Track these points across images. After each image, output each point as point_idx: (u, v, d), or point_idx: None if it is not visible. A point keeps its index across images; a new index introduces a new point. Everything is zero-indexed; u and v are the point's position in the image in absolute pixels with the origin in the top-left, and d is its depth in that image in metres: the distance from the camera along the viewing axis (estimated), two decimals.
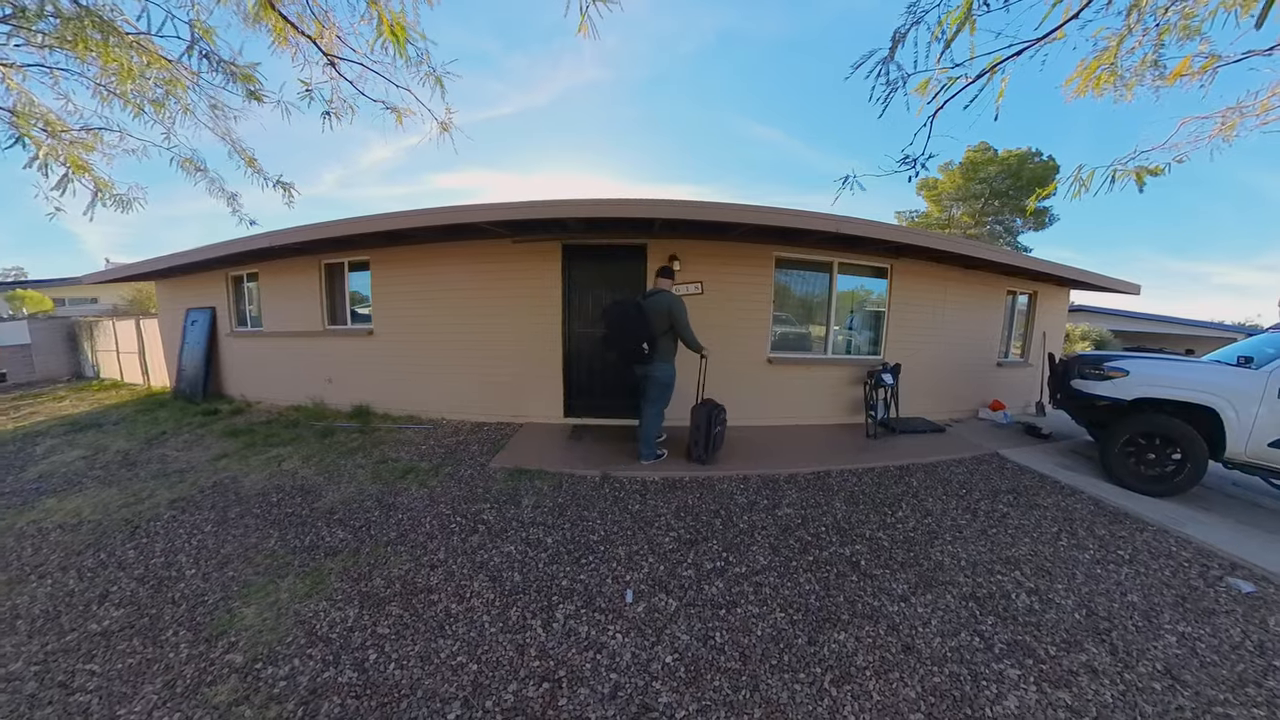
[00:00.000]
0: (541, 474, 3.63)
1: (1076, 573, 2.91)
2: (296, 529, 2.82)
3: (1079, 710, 1.88)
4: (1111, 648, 2.28)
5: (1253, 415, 3.71)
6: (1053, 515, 3.68)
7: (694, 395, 4.28)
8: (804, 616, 2.23)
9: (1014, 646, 2.20)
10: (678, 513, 3.16)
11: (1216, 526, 3.63)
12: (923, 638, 2.18)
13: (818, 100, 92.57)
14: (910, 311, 5.91)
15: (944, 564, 2.83)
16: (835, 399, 5.58)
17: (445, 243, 5.07)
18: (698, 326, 4.07)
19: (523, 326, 5.02)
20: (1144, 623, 2.51)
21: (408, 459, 3.94)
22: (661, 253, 4.91)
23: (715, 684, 1.79)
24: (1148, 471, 4.09)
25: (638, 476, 3.68)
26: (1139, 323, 15.87)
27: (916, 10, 1.92)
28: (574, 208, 4.17)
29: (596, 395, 5.05)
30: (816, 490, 3.72)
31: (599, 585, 2.34)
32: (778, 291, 5.35)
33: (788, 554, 2.76)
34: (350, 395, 5.56)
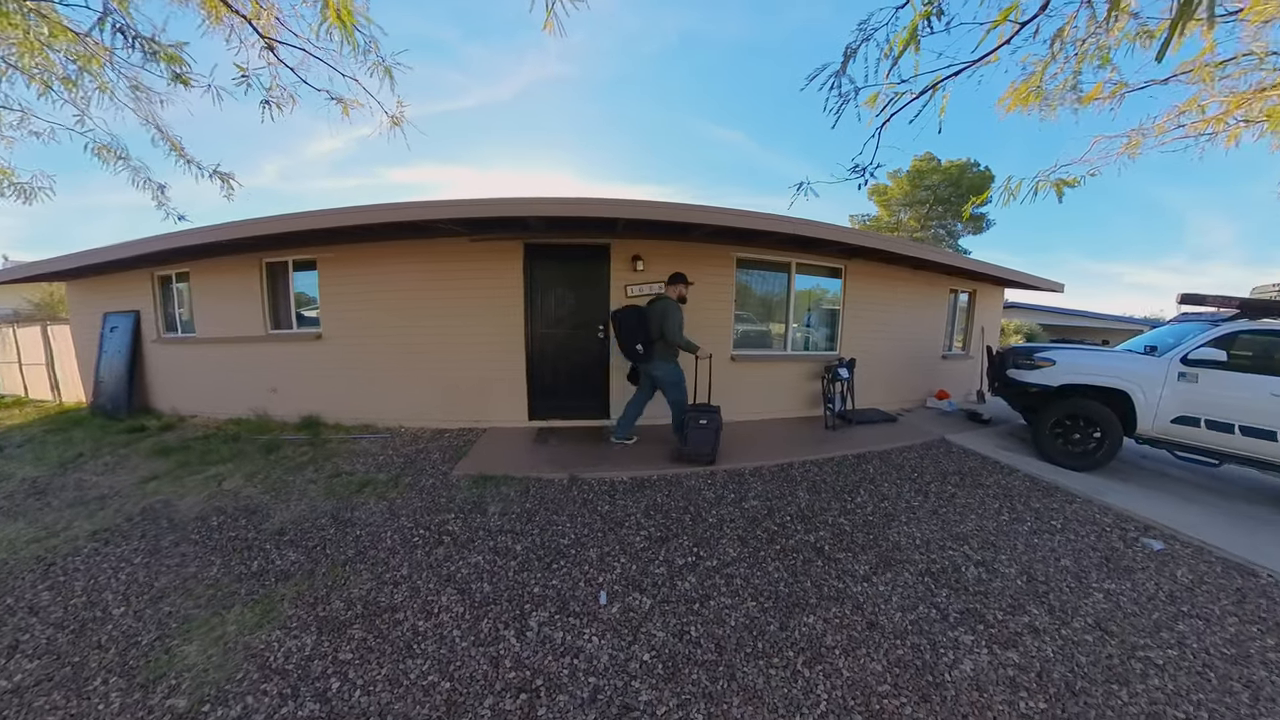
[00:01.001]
0: (507, 479, 3.54)
1: (1017, 543, 3.16)
2: (242, 554, 2.61)
3: (1025, 667, 2.05)
4: (1050, 608, 2.50)
5: (1158, 397, 4.20)
6: (994, 493, 3.97)
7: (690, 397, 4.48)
8: (774, 603, 2.29)
9: (966, 614, 2.36)
10: (647, 511, 3.17)
11: (1132, 494, 4.07)
12: (885, 614, 2.30)
13: (777, 104, 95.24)
14: (864, 309, 6.28)
15: (901, 544, 2.99)
16: (795, 393, 5.80)
17: (400, 240, 4.82)
18: None
19: (483, 328, 4.87)
20: (1075, 583, 2.75)
21: (364, 471, 3.74)
22: (625, 253, 4.91)
23: (693, 677, 1.81)
24: (1073, 449, 4.53)
25: (606, 477, 3.67)
26: (1063, 317, 17.49)
27: (867, 28, 2.05)
28: (536, 206, 4.09)
29: (561, 397, 4.99)
30: (781, 482, 3.83)
31: (572, 589, 2.31)
32: (739, 291, 5.48)
33: (756, 544, 2.83)
34: (297, 405, 5.18)
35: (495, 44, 47.55)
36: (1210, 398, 4.02)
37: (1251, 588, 2.92)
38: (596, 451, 4.19)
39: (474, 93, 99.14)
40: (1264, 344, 3.99)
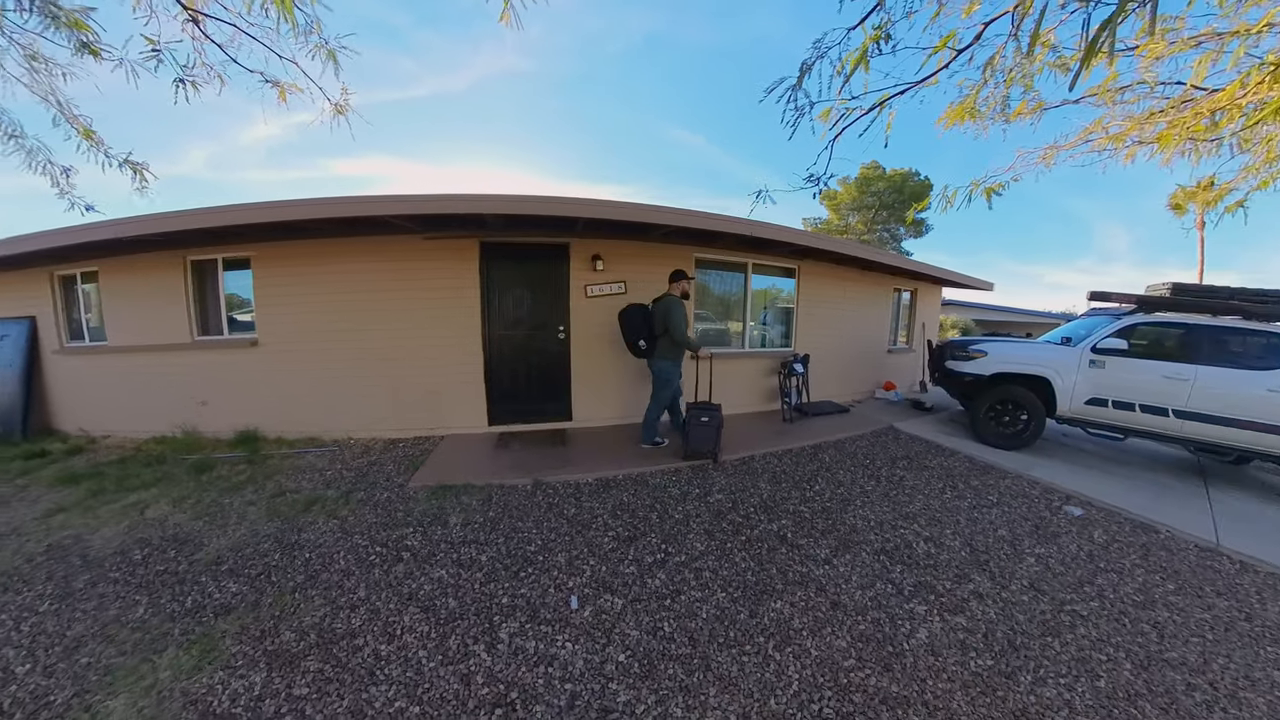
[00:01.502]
0: (468, 488, 3.42)
1: (959, 518, 3.40)
2: (173, 590, 2.37)
3: (972, 629, 2.22)
4: (990, 574, 2.71)
5: (1073, 382, 4.74)
6: (938, 474, 4.27)
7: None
8: (743, 592, 2.35)
9: (919, 587, 2.52)
10: (614, 512, 3.16)
11: (1055, 469, 4.52)
12: (846, 593, 2.41)
13: (738, 109, 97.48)
14: (816, 307, 6.59)
15: (857, 526, 3.15)
16: (753, 389, 5.97)
17: (346, 237, 4.49)
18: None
19: (439, 330, 4.65)
20: (1011, 550, 3.00)
21: (310, 488, 3.49)
22: (585, 252, 4.86)
23: (670, 672, 1.82)
24: (1005, 431, 5.00)
25: (571, 480, 3.63)
26: (993, 313, 19.16)
27: (821, 46, 2.18)
28: (494, 203, 3.94)
29: (521, 400, 4.87)
30: (743, 474, 3.93)
31: (542, 597, 2.27)
32: (698, 290, 5.56)
33: (722, 537, 2.89)
34: (232, 419, 4.70)
35: (449, 32, 45.59)
36: (1115, 381, 4.57)
37: (1153, 542, 3.30)
38: (560, 454, 4.13)
39: (426, 82, 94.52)
40: (1156, 334, 4.62)
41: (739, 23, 61.08)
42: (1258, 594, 2.82)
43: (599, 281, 4.91)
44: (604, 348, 4.95)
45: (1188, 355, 4.35)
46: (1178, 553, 3.21)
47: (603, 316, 4.89)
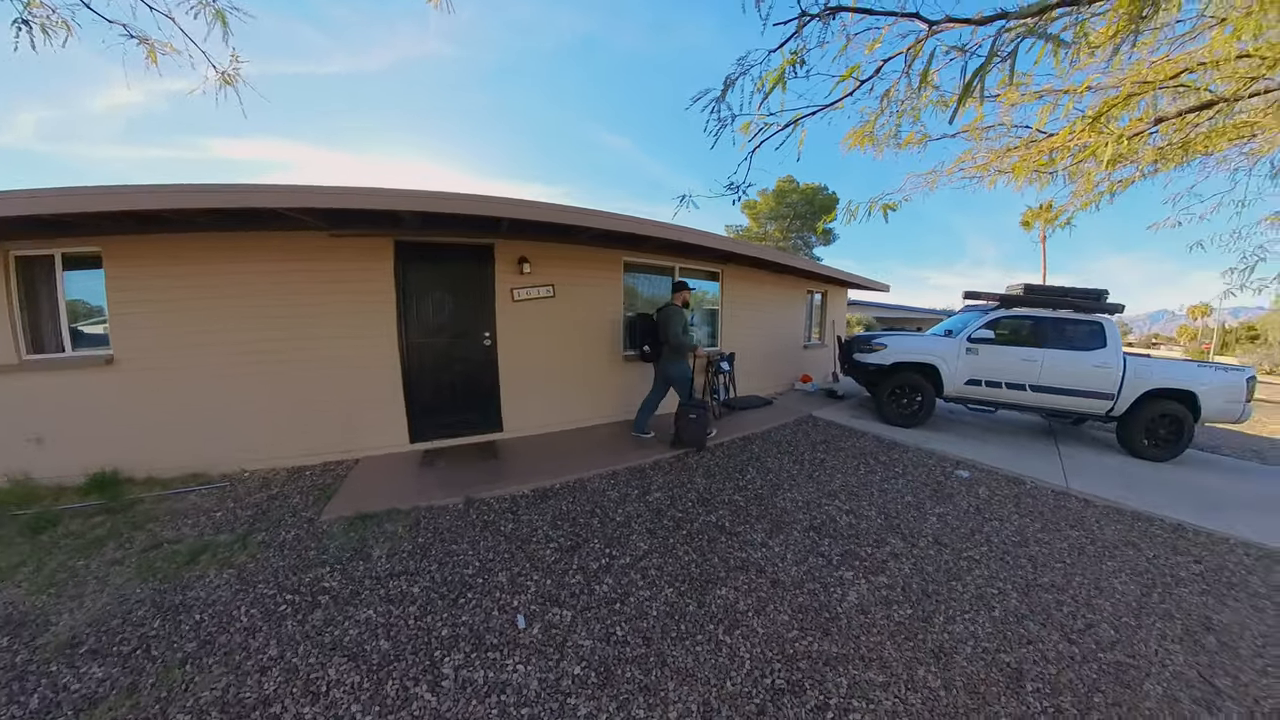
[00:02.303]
0: (392, 514, 3.14)
1: (873, 490, 3.77)
2: (9, 689, 1.90)
3: (892, 585, 2.49)
4: (902, 535, 3.04)
5: (955, 367, 5.62)
6: (852, 453, 4.70)
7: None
8: (689, 585, 2.40)
9: (846, 555, 2.76)
10: (554, 522, 3.08)
11: (946, 440, 5.24)
12: (783, 570, 2.57)
13: (665, 117, 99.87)
14: (739, 308, 6.98)
15: (787, 508, 3.36)
16: None
17: (233, 232, 3.79)
18: (554, 330, 4.41)
19: (349, 339, 4.14)
20: (917, 513, 3.38)
21: (195, 535, 2.97)
22: (510, 254, 4.65)
23: (628, 675, 1.81)
24: (904, 411, 5.74)
25: (506, 494, 3.47)
26: (891, 311, 22.05)
27: (744, 63, 2.35)
28: (412, 200, 3.58)
29: (446, 413, 4.53)
30: (679, 471, 4.03)
31: (485, 621, 2.14)
32: (627, 293, 5.59)
33: (664, 534, 2.93)
34: (82, 458, 3.70)
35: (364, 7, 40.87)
36: (986, 364, 5.52)
37: (1022, 492, 3.92)
38: (492, 468, 3.93)
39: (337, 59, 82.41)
40: (1014, 325, 5.58)
41: (671, 34, 63.00)
42: (1097, 522, 3.45)
43: (526, 285, 4.72)
44: (534, 353, 4.80)
45: (1038, 341, 5.40)
46: (1040, 498, 3.83)
47: (531, 321, 4.74)
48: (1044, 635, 2.19)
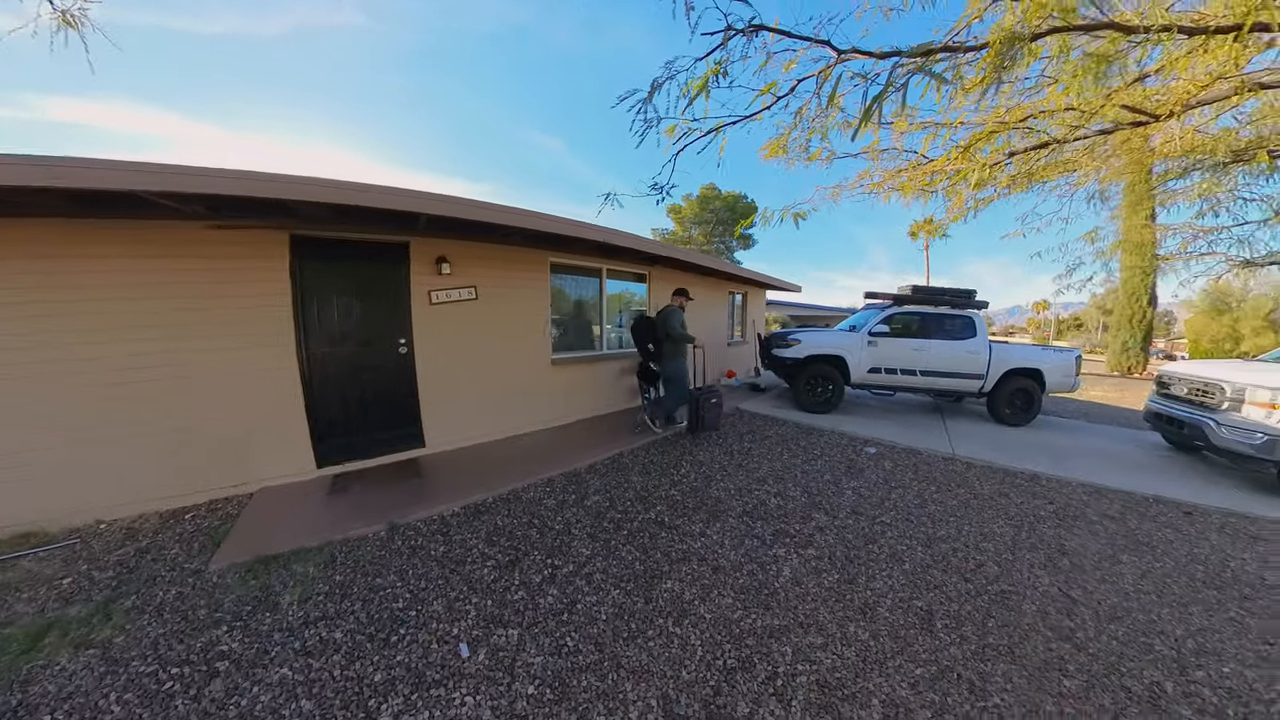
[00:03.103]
0: (301, 553, 2.78)
1: (796, 472, 4.05)
2: None
3: (820, 556, 2.72)
4: (825, 510, 3.31)
5: (859, 357, 6.37)
6: (776, 440, 5.02)
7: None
8: (636, 584, 2.41)
9: (778, 535, 2.95)
10: (490, 538, 2.93)
11: (855, 422, 5.86)
12: (723, 556, 2.68)
13: (596, 118, 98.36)
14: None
15: (721, 497, 3.51)
16: (614, 389, 6.17)
17: (78, 219, 2.99)
18: (478, 335, 4.26)
19: (233, 351, 3.50)
20: (835, 489, 3.70)
21: (33, 612, 2.38)
22: (428, 252, 4.29)
23: (584, 684, 1.77)
24: (818, 399, 6.36)
25: (434, 514, 3.24)
26: (803, 310, 24.07)
27: (672, 69, 2.43)
28: (314, 189, 3.10)
29: (358, 432, 4.06)
30: (615, 472, 4.03)
31: (424, 657, 1.98)
32: (554, 295, 5.46)
33: (606, 536, 2.92)
34: None
35: None
36: (884, 354, 6.35)
37: (919, 461, 4.45)
38: (415, 488, 3.64)
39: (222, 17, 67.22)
40: (905, 320, 6.44)
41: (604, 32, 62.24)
42: (977, 480, 4.02)
43: (446, 286, 4.38)
44: (457, 360, 4.49)
45: (924, 333, 6.35)
46: (933, 465, 4.37)
47: (453, 325, 4.43)
48: (946, 579, 2.53)
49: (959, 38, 2.36)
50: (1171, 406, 4.92)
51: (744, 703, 1.72)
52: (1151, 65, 2.59)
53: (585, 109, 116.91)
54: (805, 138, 3.05)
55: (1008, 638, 2.13)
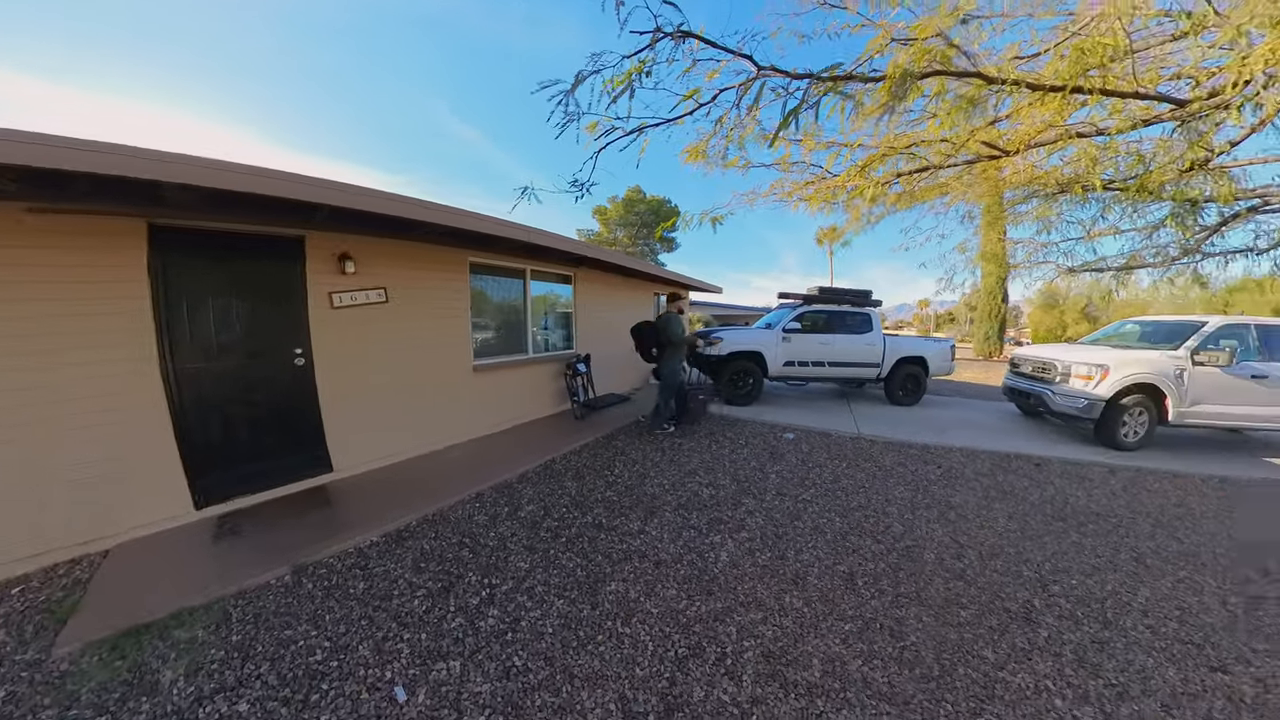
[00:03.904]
0: (184, 615, 2.35)
1: (725, 462, 4.25)
2: None
3: (752, 537, 2.88)
4: (753, 494, 3.51)
5: (776, 352, 6.95)
6: (705, 433, 5.23)
7: None
8: (580, 591, 2.38)
9: (712, 523, 3.07)
10: (417, 566, 2.72)
11: (774, 412, 6.31)
12: (663, 550, 2.74)
13: (520, 112, 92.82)
14: (593, 310, 7.14)
15: (656, 494, 3.57)
16: (543, 394, 6.00)
17: None
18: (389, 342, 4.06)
19: (71, 370, 2.79)
20: (760, 474, 3.93)
21: None
22: (329, 249, 3.80)
23: (538, 703, 1.70)
24: (740, 392, 6.85)
25: (350, 547, 2.93)
26: (723, 310, 25.38)
27: (598, 61, 2.41)
28: (183, 170, 2.51)
29: (247, 460, 3.46)
30: (548, 480, 3.94)
31: (354, 710, 1.77)
32: (476, 297, 5.14)
33: (544, 547, 2.85)
34: None
35: None
36: (797, 349, 6.99)
37: (831, 442, 4.87)
38: (324, 520, 3.23)
39: None
40: (814, 317, 7.13)
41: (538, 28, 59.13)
42: (880, 454, 4.50)
43: (350, 287, 3.91)
44: (366, 371, 4.03)
45: (830, 329, 7.13)
46: (843, 444, 4.82)
47: (361, 331, 3.97)
48: (861, 543, 2.84)
49: (862, 69, 2.68)
50: (1021, 382, 6.10)
51: (698, 687, 1.78)
52: (1005, 111, 3.18)
53: (509, 102, 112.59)
54: (724, 145, 3.23)
55: (915, 585, 2.45)
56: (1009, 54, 3.01)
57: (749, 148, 3.40)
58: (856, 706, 1.74)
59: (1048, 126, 3.13)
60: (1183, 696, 1.85)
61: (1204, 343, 4.95)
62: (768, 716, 1.68)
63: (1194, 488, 4.15)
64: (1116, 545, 3.03)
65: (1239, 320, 5.23)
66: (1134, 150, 3.24)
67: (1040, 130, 3.17)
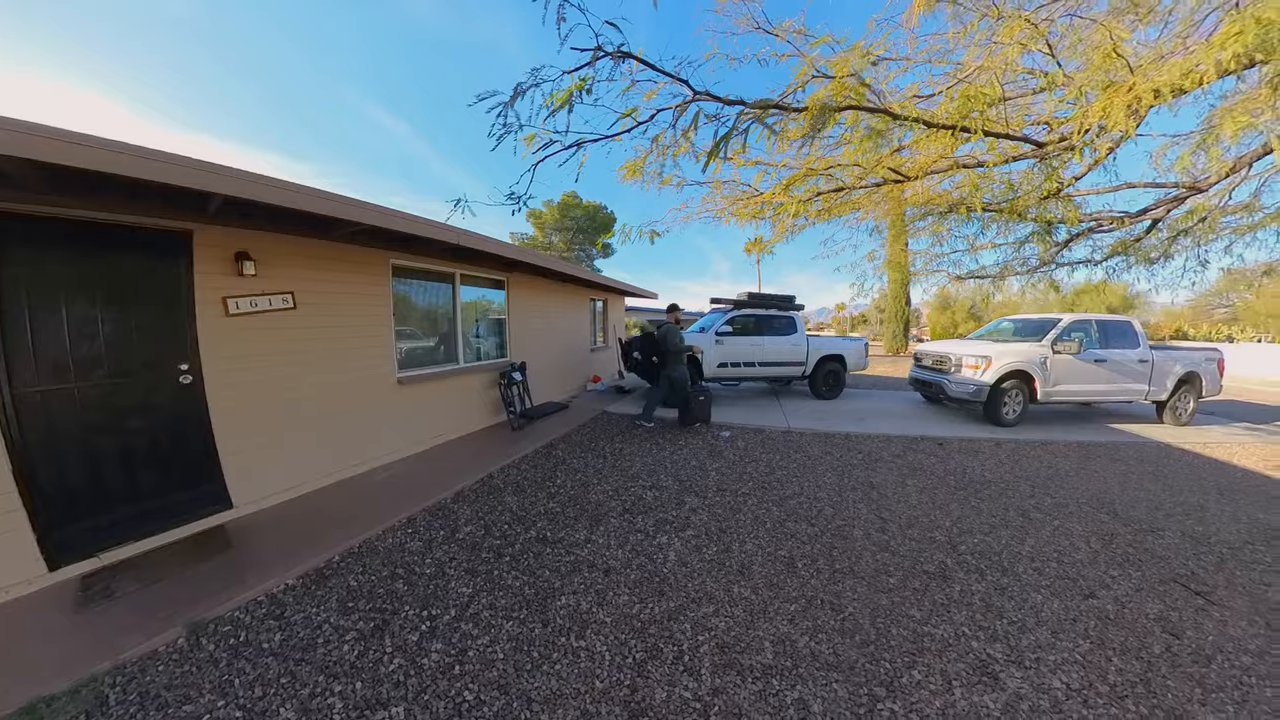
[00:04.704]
0: (40, 710, 1.94)
1: (666, 463, 4.31)
2: None
3: (698, 534, 2.96)
4: (695, 492, 3.61)
5: (710, 355, 7.27)
6: (644, 437, 5.27)
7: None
8: (529, 610, 2.28)
9: (659, 524, 3.11)
10: (344, 606, 2.46)
11: (713, 412, 6.35)
12: (612, 556, 2.73)
13: (453, 110, 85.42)
14: (527, 317, 6.89)
15: (600, 501, 3.54)
16: (477, 405, 5.68)
17: None
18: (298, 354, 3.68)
19: None
20: (701, 472, 4.05)
21: None
22: (222, 245, 3.26)
23: None
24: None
25: (260, 595, 2.57)
26: (659, 315, 26.26)
27: (538, 75, 2.39)
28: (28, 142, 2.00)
29: (119, 503, 2.87)
30: (486, 496, 3.76)
31: None
32: (400, 303, 4.72)
33: (487, 568, 2.71)
34: None
35: None
36: (730, 351, 7.38)
37: (765, 437, 5.13)
38: (226, 566, 2.80)
39: None
40: (744, 321, 7.56)
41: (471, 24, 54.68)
42: (808, 444, 4.80)
43: (250, 291, 3.39)
44: (269, 388, 3.53)
45: (759, 331, 7.59)
46: (775, 438, 5.09)
47: (264, 343, 3.48)
48: (798, 528, 3.03)
49: (788, 99, 2.96)
50: (924, 373, 7.00)
51: (660, 689, 1.78)
52: (906, 142, 3.61)
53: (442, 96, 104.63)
54: (660, 163, 3.36)
55: (848, 560, 2.69)
56: (910, 93, 3.49)
57: (684, 165, 3.54)
58: (808, 680, 1.85)
59: (940, 157, 3.63)
60: (1065, 622, 2.24)
61: (1060, 335, 5.98)
62: (729, 705, 1.73)
63: (1060, 452, 4.96)
64: (1006, 505, 3.53)
65: (1084, 317, 6.35)
66: (1006, 180, 3.88)
67: (934, 160, 3.68)
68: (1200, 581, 2.62)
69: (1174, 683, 1.89)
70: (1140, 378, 6.19)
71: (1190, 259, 4.36)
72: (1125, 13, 2.89)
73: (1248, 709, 1.77)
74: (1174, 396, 6.36)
